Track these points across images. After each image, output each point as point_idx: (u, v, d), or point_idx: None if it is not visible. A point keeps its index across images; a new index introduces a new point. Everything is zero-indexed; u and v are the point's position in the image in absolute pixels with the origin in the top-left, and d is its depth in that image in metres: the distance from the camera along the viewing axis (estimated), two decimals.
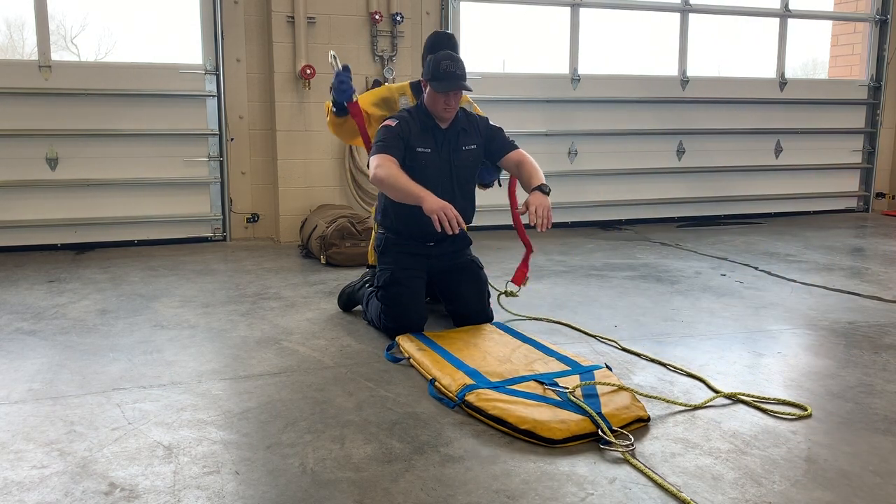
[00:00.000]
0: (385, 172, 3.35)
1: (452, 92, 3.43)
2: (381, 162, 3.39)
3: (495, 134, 3.70)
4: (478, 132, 3.65)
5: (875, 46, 7.94)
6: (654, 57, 9.39)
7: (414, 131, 3.51)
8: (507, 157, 3.66)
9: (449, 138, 3.56)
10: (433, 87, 3.45)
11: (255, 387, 2.90)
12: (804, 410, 2.65)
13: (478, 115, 3.78)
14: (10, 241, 5.71)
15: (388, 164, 3.38)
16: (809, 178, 7.89)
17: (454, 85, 3.42)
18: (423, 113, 3.56)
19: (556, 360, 3.04)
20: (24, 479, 2.18)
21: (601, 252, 5.75)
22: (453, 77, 3.42)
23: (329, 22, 6.01)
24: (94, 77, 5.83)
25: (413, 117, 3.55)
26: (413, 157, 3.48)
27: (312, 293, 4.41)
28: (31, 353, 3.32)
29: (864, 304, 4.21)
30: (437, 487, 2.13)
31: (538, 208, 3.35)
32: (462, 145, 3.59)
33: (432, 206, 3.22)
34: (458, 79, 3.43)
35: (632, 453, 2.32)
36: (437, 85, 3.43)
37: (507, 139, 3.71)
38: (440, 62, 3.43)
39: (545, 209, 3.36)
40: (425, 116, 3.55)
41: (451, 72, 3.42)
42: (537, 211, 3.34)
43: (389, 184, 3.34)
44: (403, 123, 3.51)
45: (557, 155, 6.94)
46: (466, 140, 3.61)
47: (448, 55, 3.48)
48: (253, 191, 6.27)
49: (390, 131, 3.49)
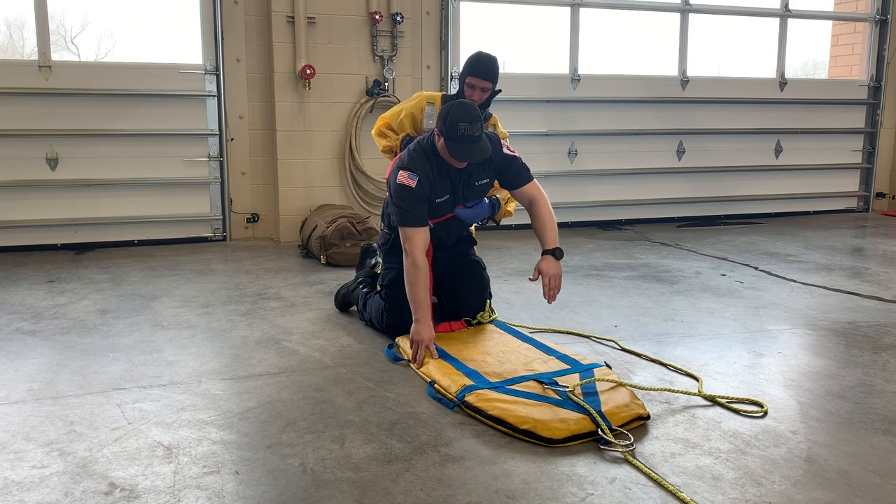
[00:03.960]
0: (412, 277, 3.22)
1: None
2: (413, 250, 3.23)
3: (510, 164, 3.47)
4: (491, 164, 3.46)
5: (875, 46, 7.94)
6: (654, 57, 9.37)
7: (435, 184, 3.34)
8: (522, 190, 3.47)
9: (463, 177, 3.43)
10: (448, 147, 3.19)
11: (255, 387, 2.90)
12: (761, 407, 2.69)
13: (493, 136, 3.48)
14: (10, 241, 5.71)
15: (418, 256, 3.23)
16: (809, 178, 7.89)
17: (471, 155, 3.20)
18: (438, 155, 3.34)
19: (555, 359, 3.04)
20: (24, 479, 2.18)
21: (601, 252, 5.75)
22: (470, 142, 3.15)
23: (329, 22, 6.01)
24: (94, 77, 5.83)
25: (430, 162, 3.33)
26: (431, 208, 3.37)
27: (312, 293, 4.41)
28: (31, 353, 3.32)
29: (864, 304, 4.21)
30: (437, 487, 2.13)
31: (552, 279, 3.28)
32: (475, 181, 3.46)
33: (415, 335, 3.18)
34: (475, 143, 3.16)
35: (632, 453, 2.33)
36: (453, 149, 3.18)
37: (522, 169, 3.49)
38: (458, 124, 3.12)
39: (557, 280, 3.29)
40: (440, 159, 3.34)
41: (469, 136, 3.13)
42: (550, 282, 3.28)
43: (408, 283, 3.25)
44: (424, 182, 3.28)
45: (557, 155, 6.94)
46: (479, 175, 3.46)
47: (468, 115, 3.14)
48: (253, 191, 6.27)
49: (412, 196, 3.26)
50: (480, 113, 3.22)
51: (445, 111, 3.18)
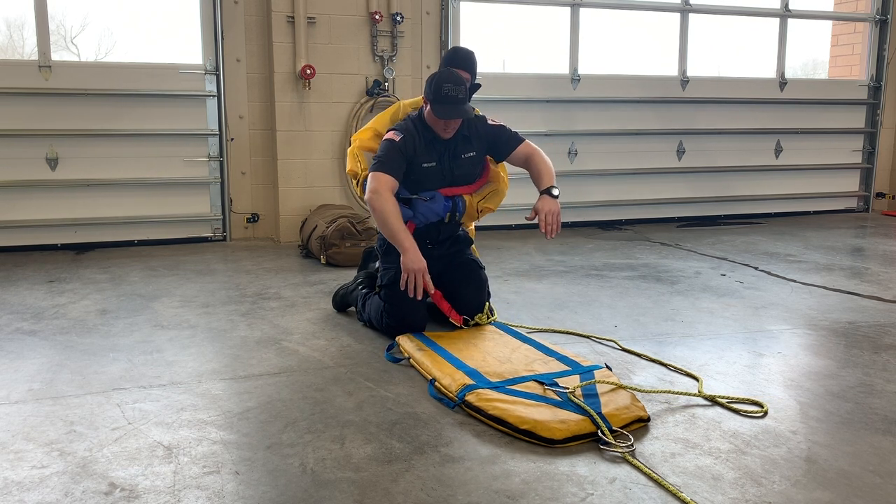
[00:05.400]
0: (379, 205, 3.28)
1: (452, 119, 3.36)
2: (378, 187, 3.31)
3: (497, 134, 3.62)
4: (478, 136, 3.59)
5: (875, 46, 7.94)
6: (654, 57, 9.38)
7: (419, 147, 3.43)
8: (515, 153, 3.60)
9: (450, 148, 3.53)
10: (433, 109, 3.35)
11: (255, 387, 2.90)
12: (761, 407, 2.69)
13: (479, 115, 3.69)
14: (10, 241, 5.71)
15: (384, 191, 3.30)
16: (809, 178, 7.89)
17: (454, 112, 3.33)
18: (426, 125, 3.49)
19: (556, 361, 3.04)
20: (24, 479, 2.18)
21: (601, 252, 5.75)
22: (454, 102, 3.31)
23: (329, 22, 6.01)
24: (94, 77, 5.83)
25: (417, 129, 3.47)
26: (418, 171, 3.44)
27: (312, 293, 4.41)
28: (31, 353, 3.32)
29: (864, 304, 4.21)
30: (437, 487, 2.13)
31: (547, 215, 3.32)
32: (461, 153, 3.54)
33: (408, 264, 3.23)
34: (458, 104, 3.32)
35: (632, 453, 2.33)
36: (438, 109, 3.33)
37: (511, 134, 3.63)
38: (442, 84, 3.30)
39: (554, 216, 3.32)
40: (428, 128, 3.48)
41: (453, 96, 3.29)
42: (546, 218, 3.31)
43: (379, 219, 3.30)
44: (408, 139, 3.41)
45: (557, 155, 6.93)
46: (466, 147, 3.56)
47: (452, 77, 3.33)
48: (253, 191, 6.27)
49: (392, 147, 3.39)
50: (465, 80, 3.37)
51: (431, 78, 3.38)
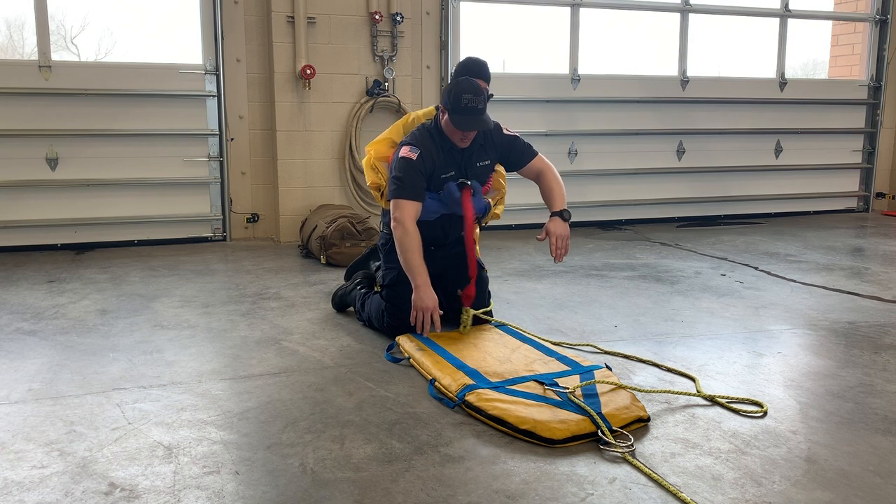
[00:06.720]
0: (401, 237, 3.25)
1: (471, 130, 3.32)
2: (402, 216, 3.26)
3: (511, 144, 3.58)
4: (493, 145, 3.55)
5: (875, 46, 7.94)
6: (654, 57, 9.38)
7: (437, 160, 3.37)
8: (529, 166, 3.57)
9: (466, 157, 3.48)
10: (452, 119, 3.28)
11: (255, 387, 2.90)
12: (761, 407, 2.69)
13: (494, 121, 3.61)
14: (10, 241, 5.71)
15: (408, 223, 3.25)
16: (809, 178, 7.89)
17: (474, 124, 3.27)
18: (442, 134, 3.42)
19: (556, 361, 3.04)
20: (24, 479, 2.18)
21: (601, 252, 5.75)
22: (474, 113, 3.25)
23: (329, 22, 6.01)
24: (94, 77, 5.83)
25: (434, 141, 3.40)
26: (436, 182, 3.40)
27: (312, 293, 4.41)
28: (31, 353, 3.32)
29: (864, 304, 4.21)
30: (437, 487, 2.13)
31: (559, 239, 3.30)
32: (477, 161, 3.50)
33: (418, 302, 3.22)
34: (478, 114, 3.26)
35: (632, 453, 2.33)
36: (458, 120, 3.26)
37: (525, 147, 3.60)
38: (462, 95, 3.22)
39: (565, 240, 3.31)
40: (444, 138, 3.41)
41: (473, 107, 3.23)
42: (557, 241, 3.30)
43: (400, 250, 3.28)
44: (426, 156, 3.34)
45: (557, 155, 6.93)
46: (482, 156, 3.51)
47: (471, 87, 3.25)
48: (253, 191, 6.27)
49: (411, 168, 3.31)
50: (483, 88, 3.30)
51: (449, 87, 3.31)
